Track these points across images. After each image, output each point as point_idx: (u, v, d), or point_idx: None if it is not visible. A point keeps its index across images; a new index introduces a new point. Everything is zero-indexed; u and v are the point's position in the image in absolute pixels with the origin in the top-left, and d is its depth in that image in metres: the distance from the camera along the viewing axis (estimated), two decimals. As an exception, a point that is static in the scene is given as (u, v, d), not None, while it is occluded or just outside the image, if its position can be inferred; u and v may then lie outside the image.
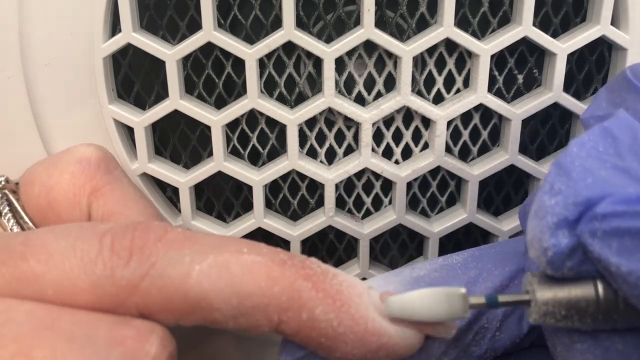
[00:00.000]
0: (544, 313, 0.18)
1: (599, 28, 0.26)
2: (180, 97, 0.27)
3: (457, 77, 0.28)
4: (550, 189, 0.18)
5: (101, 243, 0.19)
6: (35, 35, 0.27)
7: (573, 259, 0.17)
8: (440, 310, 0.19)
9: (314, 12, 0.27)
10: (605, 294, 0.18)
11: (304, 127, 0.29)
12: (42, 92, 0.28)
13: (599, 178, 0.17)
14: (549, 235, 0.17)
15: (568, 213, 0.17)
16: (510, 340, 0.22)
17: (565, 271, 0.18)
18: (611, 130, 0.19)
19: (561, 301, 0.18)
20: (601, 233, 0.17)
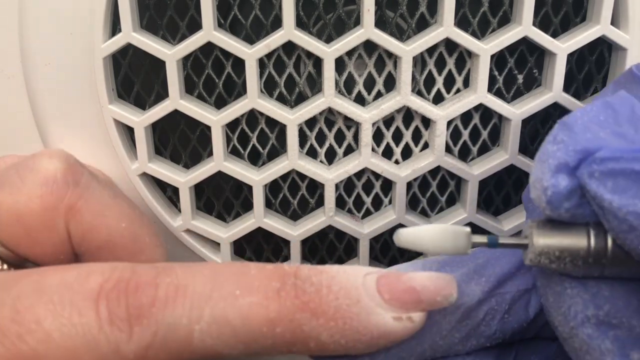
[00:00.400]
0: (539, 253, 0.20)
1: (599, 28, 0.26)
2: (180, 97, 0.27)
3: (457, 77, 0.28)
4: (554, 139, 0.20)
5: (99, 316, 0.19)
6: (35, 35, 0.27)
7: (570, 200, 0.19)
8: (445, 244, 0.21)
9: (314, 12, 0.27)
10: (596, 239, 0.19)
11: (304, 127, 0.29)
12: (42, 92, 0.28)
13: (597, 136, 0.19)
14: (550, 176, 0.19)
15: (568, 158, 0.19)
16: (517, 324, 0.23)
17: (562, 212, 0.19)
18: (612, 104, 0.20)
19: (555, 244, 0.20)
20: (598, 174, 0.18)
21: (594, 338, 0.20)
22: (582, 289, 0.20)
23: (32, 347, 0.18)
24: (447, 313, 0.22)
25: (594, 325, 0.20)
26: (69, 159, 0.24)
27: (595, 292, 0.20)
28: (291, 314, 0.20)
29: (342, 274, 0.21)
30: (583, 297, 0.20)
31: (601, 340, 0.20)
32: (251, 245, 0.31)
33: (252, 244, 0.31)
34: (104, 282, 0.19)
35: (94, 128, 0.28)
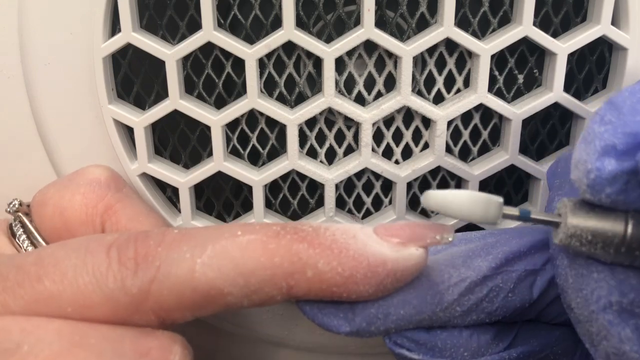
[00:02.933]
0: (571, 235, 0.19)
1: (599, 28, 0.26)
2: (180, 97, 0.27)
3: (458, 77, 0.28)
4: (601, 119, 0.19)
5: (109, 256, 0.20)
6: (35, 35, 0.27)
7: (613, 186, 0.18)
8: (475, 211, 0.20)
9: (314, 12, 0.27)
10: (634, 228, 0.19)
11: (304, 127, 0.29)
12: (41, 92, 0.28)
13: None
14: (595, 158, 0.18)
15: (617, 140, 0.18)
16: (520, 304, 0.23)
17: (603, 197, 0.18)
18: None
19: (589, 227, 0.19)
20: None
21: (614, 324, 0.19)
22: (609, 274, 0.20)
23: (48, 287, 0.20)
24: (450, 285, 0.22)
25: (616, 312, 0.19)
26: (113, 172, 0.27)
27: (622, 280, 0.19)
28: (289, 244, 0.20)
29: (340, 224, 0.21)
30: (609, 283, 0.19)
31: (622, 327, 0.19)
32: (251, 245, 0.31)
33: (252, 244, 0.31)
34: (119, 237, 0.21)
35: (93, 128, 0.28)
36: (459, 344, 0.23)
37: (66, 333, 0.19)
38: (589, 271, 0.20)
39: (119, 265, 0.20)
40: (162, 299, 0.20)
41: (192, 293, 0.20)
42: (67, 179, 0.27)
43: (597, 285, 0.20)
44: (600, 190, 0.18)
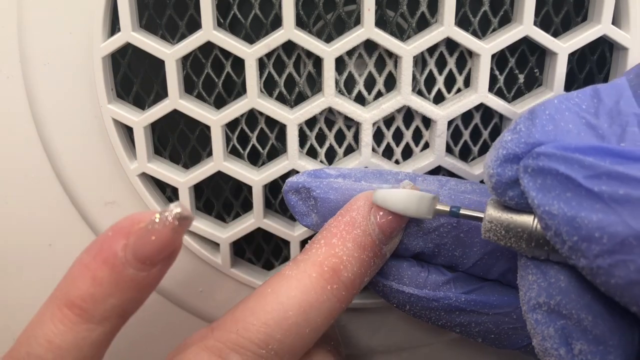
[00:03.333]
0: (488, 229, 0.21)
1: (600, 27, 0.26)
2: (180, 97, 0.27)
3: (458, 77, 0.28)
4: (514, 128, 0.20)
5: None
6: (34, 34, 0.27)
7: (514, 190, 0.20)
8: (409, 206, 0.23)
9: (314, 12, 0.27)
10: (539, 227, 0.20)
11: (304, 127, 0.29)
12: (41, 91, 0.28)
13: (560, 129, 0.20)
14: (497, 165, 0.20)
15: (518, 150, 0.20)
16: (471, 249, 0.24)
17: (507, 199, 0.20)
18: (600, 93, 0.21)
19: (502, 222, 0.21)
20: (531, 169, 0.19)
21: (540, 323, 0.21)
22: (541, 276, 0.21)
23: None
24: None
25: (544, 312, 0.21)
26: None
27: (552, 282, 0.21)
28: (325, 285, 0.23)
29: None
30: (540, 285, 0.21)
31: (546, 326, 0.21)
32: (251, 245, 0.31)
33: (251, 245, 0.31)
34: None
35: (93, 128, 0.28)
36: (404, 274, 0.25)
37: None
38: (525, 272, 0.22)
39: None
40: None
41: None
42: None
43: (530, 286, 0.21)
44: (503, 193, 0.20)
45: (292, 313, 0.22)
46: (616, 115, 0.20)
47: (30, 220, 0.31)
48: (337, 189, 0.25)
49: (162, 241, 0.20)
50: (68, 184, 0.29)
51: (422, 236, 0.25)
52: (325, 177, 0.26)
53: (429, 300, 0.25)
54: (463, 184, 0.26)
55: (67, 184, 0.29)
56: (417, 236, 0.25)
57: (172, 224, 0.20)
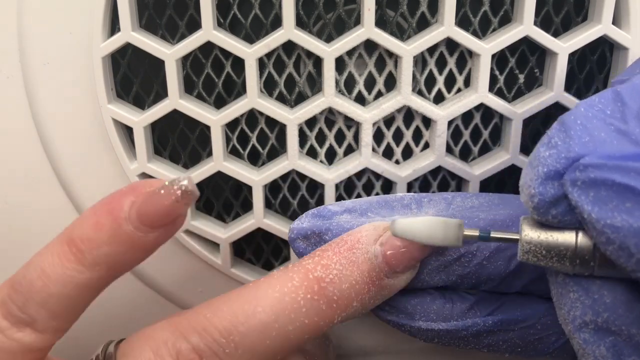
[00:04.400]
0: (527, 251, 0.20)
1: (600, 27, 0.26)
2: (180, 97, 0.27)
3: (458, 77, 0.28)
4: (548, 142, 0.19)
5: None
6: (34, 34, 0.27)
7: (557, 208, 0.19)
8: (436, 235, 0.22)
9: (314, 12, 0.27)
10: (584, 243, 0.19)
11: (304, 127, 0.29)
12: (41, 91, 0.28)
13: (596, 138, 0.19)
14: (538, 183, 0.19)
15: (559, 165, 0.19)
16: (495, 272, 0.23)
17: (550, 218, 0.19)
18: (622, 96, 0.20)
19: (542, 242, 0.20)
20: (581, 182, 0.18)
21: (589, 343, 0.20)
22: (583, 293, 0.20)
23: None
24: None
25: (591, 330, 0.20)
26: None
27: (596, 299, 0.20)
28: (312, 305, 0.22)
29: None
30: (583, 303, 0.20)
31: (596, 346, 0.20)
32: (251, 245, 0.31)
33: (251, 245, 0.31)
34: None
35: (92, 128, 0.28)
36: (430, 309, 0.24)
37: None
38: (566, 290, 0.21)
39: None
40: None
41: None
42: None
43: (572, 305, 0.20)
44: (545, 212, 0.19)
45: (262, 309, 0.22)
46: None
47: (30, 220, 0.30)
48: (349, 228, 0.24)
49: (163, 208, 0.21)
50: (68, 184, 0.29)
51: (444, 270, 0.24)
52: (330, 216, 0.25)
53: (458, 331, 0.24)
54: (469, 198, 0.25)
55: (67, 184, 0.29)
56: (439, 271, 0.24)
57: (176, 195, 0.21)
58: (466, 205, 0.25)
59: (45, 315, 0.21)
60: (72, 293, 0.21)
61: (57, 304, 0.21)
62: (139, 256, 0.22)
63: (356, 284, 0.22)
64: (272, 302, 0.22)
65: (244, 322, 0.21)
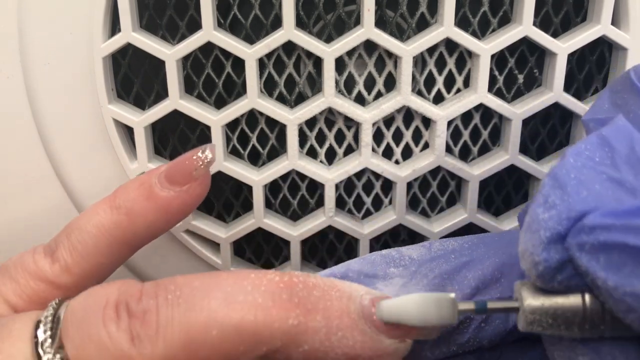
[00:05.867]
0: (531, 321, 0.18)
1: (599, 28, 0.26)
2: (180, 97, 0.27)
3: (458, 77, 0.28)
4: (545, 202, 0.18)
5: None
6: (34, 35, 0.27)
7: (563, 273, 0.17)
8: (429, 315, 0.19)
9: (314, 12, 0.27)
10: (592, 306, 0.18)
11: (304, 127, 0.29)
12: (41, 91, 0.28)
13: (593, 191, 0.17)
14: (541, 249, 0.17)
15: (561, 228, 0.17)
16: (495, 333, 0.22)
17: (555, 285, 0.18)
18: (608, 140, 0.18)
19: (548, 310, 0.18)
20: (589, 247, 0.17)
21: None
22: (595, 356, 0.18)
23: None
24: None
25: None
26: None
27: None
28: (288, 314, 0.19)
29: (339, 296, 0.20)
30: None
31: None
32: (251, 245, 0.31)
33: (252, 245, 0.31)
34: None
35: (93, 128, 0.28)
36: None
37: None
38: (574, 354, 0.19)
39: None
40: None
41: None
42: None
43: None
44: (551, 279, 0.18)
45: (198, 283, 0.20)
46: (637, 163, 0.18)
47: (30, 220, 0.31)
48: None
49: (184, 169, 0.24)
50: (68, 184, 0.29)
51: (444, 342, 0.22)
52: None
53: None
54: (447, 242, 0.23)
55: (67, 184, 0.29)
56: (439, 344, 0.22)
57: (198, 162, 0.24)
58: (447, 248, 0.23)
59: (65, 246, 0.23)
60: (92, 230, 0.23)
61: (78, 238, 0.23)
62: (156, 213, 0.24)
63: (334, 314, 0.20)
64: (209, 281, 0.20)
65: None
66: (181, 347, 0.19)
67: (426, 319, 0.19)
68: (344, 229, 0.29)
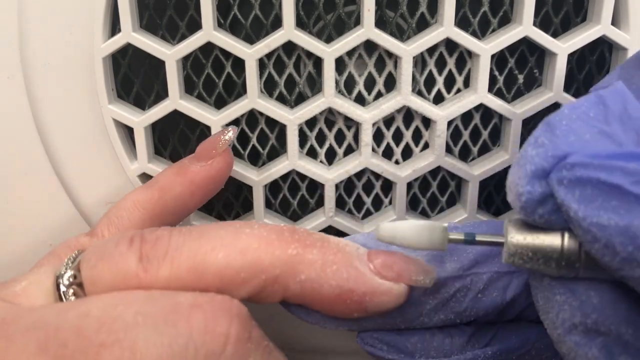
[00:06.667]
0: (513, 253, 0.20)
1: (599, 28, 0.26)
2: (180, 97, 0.27)
3: (458, 77, 0.28)
4: (535, 141, 0.19)
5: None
6: (34, 35, 0.27)
7: (544, 207, 0.19)
8: (422, 239, 0.21)
9: (314, 12, 0.27)
10: (569, 244, 0.19)
11: (304, 127, 0.29)
12: (41, 92, 0.28)
13: (581, 139, 0.19)
14: (525, 182, 0.19)
15: (546, 164, 0.19)
16: (492, 305, 0.23)
17: (536, 218, 0.19)
18: (604, 99, 0.20)
19: (529, 245, 0.20)
20: (567, 181, 0.18)
21: (581, 345, 0.20)
22: (570, 295, 0.20)
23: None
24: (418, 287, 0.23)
25: (581, 332, 0.20)
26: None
27: (584, 300, 0.20)
28: (288, 244, 0.21)
29: (342, 241, 0.22)
30: (571, 305, 0.20)
31: (588, 347, 0.20)
32: (251, 245, 0.31)
33: (252, 245, 0.31)
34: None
35: (93, 128, 0.28)
36: (430, 346, 0.24)
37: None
38: (552, 294, 0.21)
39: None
40: None
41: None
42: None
43: (560, 308, 0.20)
44: (533, 211, 0.19)
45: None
46: (627, 121, 0.19)
47: (30, 220, 0.31)
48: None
49: (209, 146, 0.26)
50: (68, 184, 0.29)
51: (442, 308, 0.23)
52: None
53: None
54: (450, 223, 0.25)
55: (67, 184, 0.29)
56: (437, 310, 0.23)
57: (219, 140, 0.26)
58: (450, 226, 0.24)
59: (104, 222, 0.25)
60: (128, 205, 0.25)
61: (115, 213, 0.25)
62: (182, 186, 0.25)
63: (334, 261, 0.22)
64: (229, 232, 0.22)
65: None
66: (187, 270, 0.20)
67: (418, 242, 0.21)
68: (344, 229, 0.29)
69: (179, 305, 0.19)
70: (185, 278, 0.20)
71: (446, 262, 0.23)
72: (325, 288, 0.21)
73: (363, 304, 0.22)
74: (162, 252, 0.21)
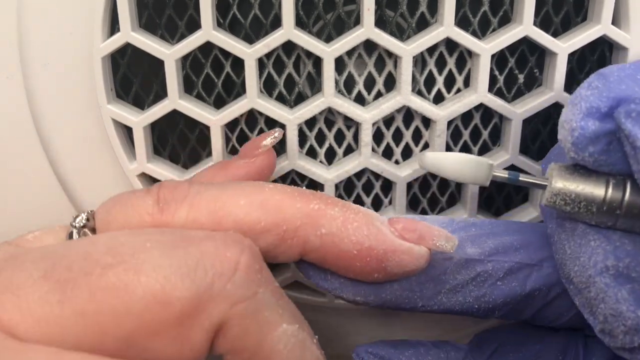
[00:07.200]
0: (555, 193, 0.20)
1: (599, 27, 0.26)
2: (179, 97, 0.27)
3: (458, 77, 0.28)
4: (589, 85, 0.20)
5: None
6: (33, 35, 0.27)
7: (596, 145, 0.19)
8: (465, 172, 0.22)
9: (313, 12, 0.27)
10: (614, 189, 0.20)
11: (304, 127, 0.29)
12: (40, 92, 0.28)
13: (632, 89, 0.19)
14: (580, 118, 0.19)
15: (601, 103, 0.19)
16: (511, 294, 0.23)
17: (586, 155, 0.20)
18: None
19: (573, 187, 0.20)
20: (635, 114, 0.19)
21: (611, 287, 0.20)
22: (605, 240, 0.20)
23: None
24: (439, 259, 0.23)
25: (612, 275, 0.20)
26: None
27: (618, 246, 0.20)
28: (310, 200, 0.21)
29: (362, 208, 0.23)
30: (605, 249, 0.20)
31: (618, 289, 0.20)
32: (250, 245, 0.31)
33: (251, 245, 0.31)
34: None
35: (92, 128, 0.28)
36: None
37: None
38: (586, 240, 0.21)
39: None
40: None
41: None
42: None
43: (593, 251, 0.20)
44: (584, 148, 0.20)
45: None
46: None
47: (30, 221, 0.30)
48: None
49: (253, 145, 0.26)
50: (67, 184, 0.29)
51: (461, 290, 0.23)
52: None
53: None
54: (469, 219, 0.25)
55: (66, 184, 0.29)
56: (456, 291, 0.23)
57: (264, 140, 0.26)
58: (468, 222, 0.25)
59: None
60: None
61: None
62: (224, 180, 0.25)
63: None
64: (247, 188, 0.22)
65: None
66: (207, 212, 0.20)
67: (462, 174, 0.22)
68: (344, 229, 0.29)
69: (190, 235, 0.19)
70: (204, 222, 0.20)
71: (467, 247, 0.23)
72: (346, 243, 0.21)
73: (383, 263, 0.22)
74: (182, 196, 0.21)
